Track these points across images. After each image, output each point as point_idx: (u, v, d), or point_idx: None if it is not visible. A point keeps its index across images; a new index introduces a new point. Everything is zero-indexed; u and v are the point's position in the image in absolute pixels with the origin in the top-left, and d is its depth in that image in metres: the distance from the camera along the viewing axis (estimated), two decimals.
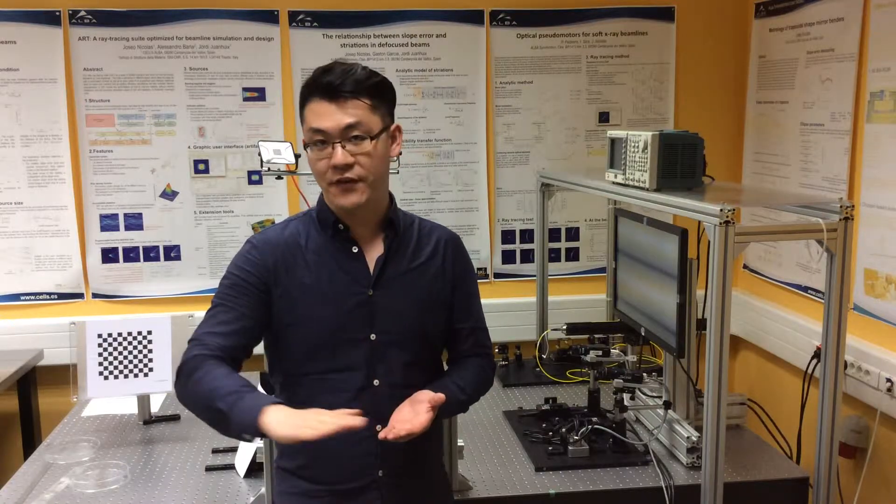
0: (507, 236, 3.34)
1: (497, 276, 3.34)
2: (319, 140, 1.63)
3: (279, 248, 1.71)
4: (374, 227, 1.74)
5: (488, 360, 1.87)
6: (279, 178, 2.85)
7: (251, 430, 1.47)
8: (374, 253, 1.73)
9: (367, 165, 1.64)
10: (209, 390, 1.54)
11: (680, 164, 2.17)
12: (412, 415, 1.59)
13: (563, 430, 2.37)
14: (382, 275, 1.72)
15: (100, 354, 2.52)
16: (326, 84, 1.61)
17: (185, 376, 1.60)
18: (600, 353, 2.50)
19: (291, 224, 1.77)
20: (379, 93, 1.66)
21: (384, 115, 1.67)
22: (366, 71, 1.65)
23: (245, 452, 2.27)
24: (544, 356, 3.07)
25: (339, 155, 1.62)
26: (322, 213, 1.74)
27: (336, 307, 1.69)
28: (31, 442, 3.01)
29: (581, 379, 2.87)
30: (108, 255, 3.16)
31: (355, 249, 1.72)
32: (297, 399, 1.61)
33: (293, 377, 1.73)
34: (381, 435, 1.57)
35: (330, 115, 1.61)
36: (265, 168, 2.63)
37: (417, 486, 1.78)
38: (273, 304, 1.69)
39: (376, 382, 1.70)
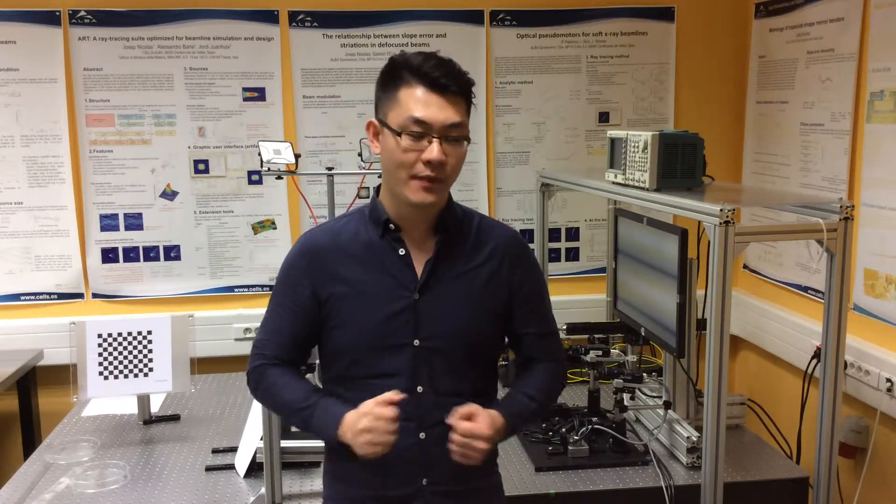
0: None
1: None
2: (417, 131, 1.54)
3: (328, 250, 1.66)
4: (428, 228, 1.67)
5: (557, 365, 1.78)
6: (279, 178, 2.84)
7: (335, 443, 1.60)
8: (424, 255, 1.65)
9: (454, 168, 1.59)
10: (282, 404, 1.69)
11: (680, 164, 2.17)
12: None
13: (563, 430, 2.37)
14: (430, 278, 1.64)
15: (100, 354, 2.52)
16: (436, 75, 1.55)
17: (254, 388, 1.73)
18: (600, 353, 2.50)
19: (344, 222, 1.71)
20: (470, 96, 1.63)
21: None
22: (461, 68, 1.61)
23: (245, 452, 2.27)
24: None
25: (436, 151, 1.54)
26: (375, 212, 1.67)
27: (380, 311, 1.63)
28: (31, 442, 3.01)
29: (581, 379, 2.87)
30: (108, 255, 3.16)
31: (402, 252, 1.64)
32: (342, 400, 1.63)
33: (338, 378, 1.69)
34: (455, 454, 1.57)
35: (437, 109, 1.55)
36: (265, 168, 2.63)
37: (464, 494, 1.71)
38: (321, 307, 1.66)
39: (420, 389, 1.63)
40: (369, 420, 1.53)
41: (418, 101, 1.55)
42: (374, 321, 1.63)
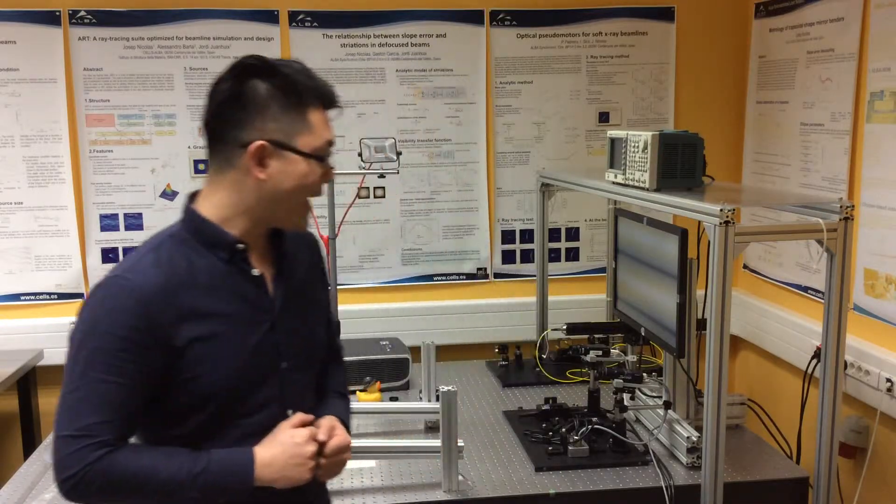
0: (507, 236, 3.34)
1: (497, 276, 3.34)
2: (330, 155, 1.46)
3: (169, 289, 1.39)
4: (265, 243, 1.52)
5: (343, 360, 1.79)
6: None
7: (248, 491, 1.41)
8: (267, 272, 1.51)
9: None
10: (159, 485, 1.36)
11: (680, 164, 2.17)
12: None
13: (563, 430, 2.37)
14: (281, 295, 1.51)
15: None
16: (330, 93, 1.46)
17: (97, 489, 1.35)
18: (600, 353, 2.50)
19: (165, 254, 1.43)
20: None
21: None
22: None
23: None
24: (544, 356, 3.08)
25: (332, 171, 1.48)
26: (207, 234, 1.44)
27: (245, 342, 1.44)
28: (31, 442, 3.01)
29: (581, 379, 2.87)
30: (108, 256, 3.16)
31: (255, 272, 1.47)
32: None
33: (190, 435, 1.43)
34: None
35: (331, 127, 1.47)
36: None
37: None
38: (176, 356, 1.39)
39: (290, 413, 1.50)
40: (312, 445, 1.44)
41: (324, 123, 1.45)
42: (243, 355, 1.44)
